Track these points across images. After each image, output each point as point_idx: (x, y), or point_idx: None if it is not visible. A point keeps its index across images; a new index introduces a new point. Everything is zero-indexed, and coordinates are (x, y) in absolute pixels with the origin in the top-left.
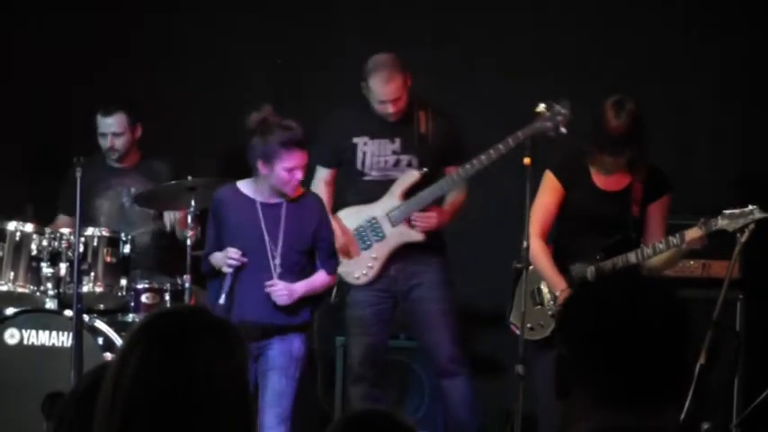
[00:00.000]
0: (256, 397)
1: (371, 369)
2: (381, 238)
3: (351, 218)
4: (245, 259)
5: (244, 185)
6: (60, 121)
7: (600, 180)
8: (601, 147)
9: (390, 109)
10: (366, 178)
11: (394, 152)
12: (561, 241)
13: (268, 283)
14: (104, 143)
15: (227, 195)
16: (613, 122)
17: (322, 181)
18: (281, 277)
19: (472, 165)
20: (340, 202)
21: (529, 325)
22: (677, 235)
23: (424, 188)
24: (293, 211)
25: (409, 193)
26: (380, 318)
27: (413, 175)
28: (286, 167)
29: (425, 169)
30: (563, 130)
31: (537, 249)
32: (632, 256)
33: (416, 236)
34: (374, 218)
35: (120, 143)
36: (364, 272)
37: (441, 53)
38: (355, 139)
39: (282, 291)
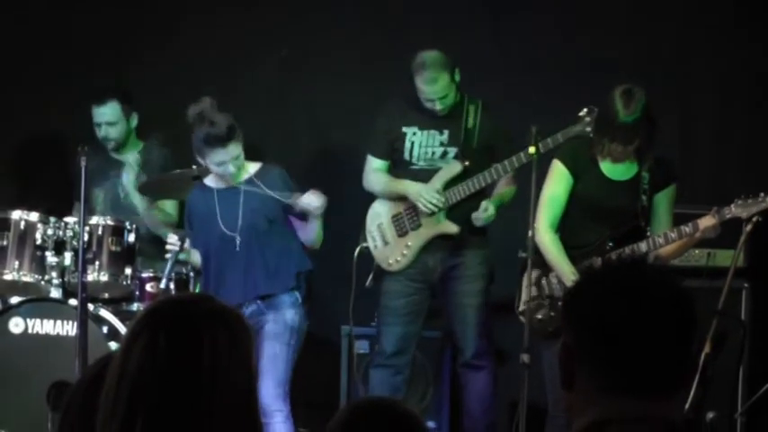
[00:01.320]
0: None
1: (399, 358)
2: (417, 227)
3: (390, 205)
4: (178, 243)
5: (209, 178)
6: (63, 109)
7: (608, 169)
8: (612, 136)
9: (437, 106)
10: (413, 168)
11: (442, 144)
12: (568, 232)
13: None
14: (99, 133)
15: (193, 194)
16: (623, 111)
17: (374, 172)
18: (242, 247)
19: (511, 162)
20: None
21: (539, 316)
22: (690, 224)
23: (467, 180)
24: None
25: (450, 185)
26: (414, 308)
27: (455, 167)
28: (213, 162)
29: (467, 162)
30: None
31: (548, 242)
32: (643, 246)
33: (452, 227)
34: (413, 206)
35: (114, 132)
36: (398, 258)
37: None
38: (405, 129)
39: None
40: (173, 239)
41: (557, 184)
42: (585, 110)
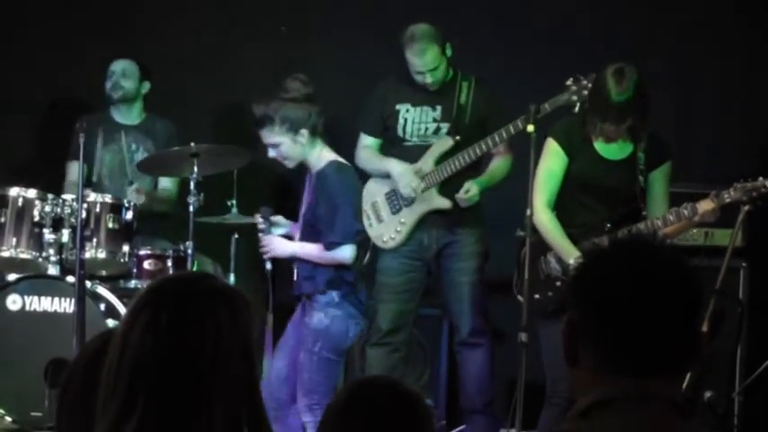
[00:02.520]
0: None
1: (396, 336)
2: (410, 203)
3: (384, 182)
4: (262, 220)
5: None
6: (63, 86)
7: (602, 148)
8: (604, 116)
9: (428, 79)
10: (406, 144)
11: (434, 120)
12: (564, 212)
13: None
14: (110, 82)
15: None
16: (615, 90)
17: (366, 149)
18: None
19: (500, 135)
20: None
21: (537, 295)
22: (689, 207)
23: (457, 154)
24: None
25: (442, 160)
26: (411, 286)
27: (447, 142)
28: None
29: (458, 137)
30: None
31: (545, 221)
32: (642, 228)
33: (444, 203)
34: None
35: (126, 82)
36: (392, 236)
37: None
38: (398, 106)
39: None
40: (257, 219)
41: (551, 161)
42: (572, 79)
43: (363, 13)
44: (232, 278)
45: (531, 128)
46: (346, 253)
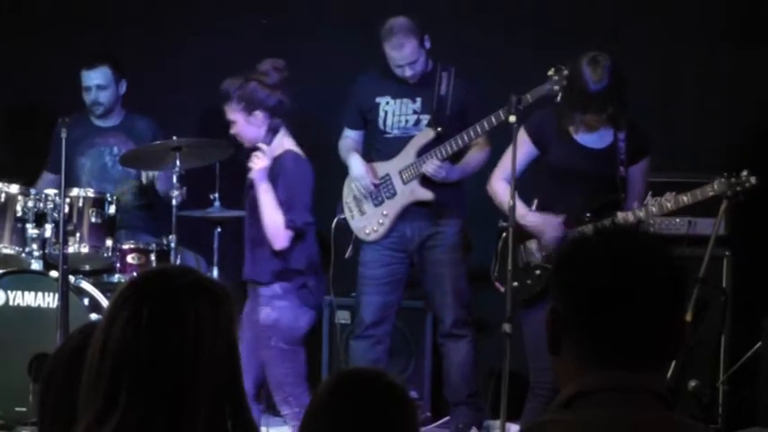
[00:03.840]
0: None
1: (379, 328)
2: (392, 196)
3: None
4: None
5: None
6: (45, 80)
7: (583, 137)
8: (584, 107)
9: (407, 72)
10: (387, 136)
11: (415, 111)
12: (546, 201)
13: None
14: (88, 97)
15: None
16: (592, 80)
17: (344, 139)
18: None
19: (482, 126)
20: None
21: (515, 283)
22: (671, 198)
23: (439, 146)
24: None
25: (424, 152)
26: (393, 278)
27: (428, 134)
28: None
29: (440, 129)
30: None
31: (498, 189)
32: (624, 217)
33: (426, 194)
34: (387, 175)
35: (104, 97)
36: (375, 228)
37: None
38: (378, 99)
39: None
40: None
41: (517, 147)
42: (553, 69)
43: (345, 6)
44: (215, 272)
45: (512, 118)
46: (285, 239)
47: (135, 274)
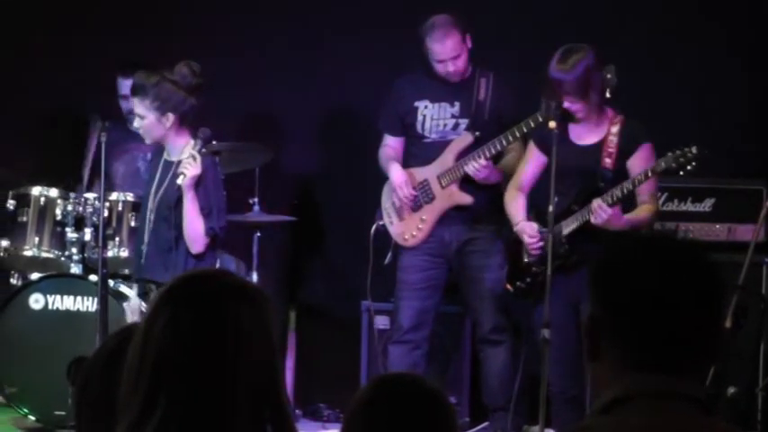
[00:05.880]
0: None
1: (417, 333)
2: (431, 200)
3: None
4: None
5: None
6: (83, 84)
7: (576, 135)
8: (549, 94)
9: (449, 68)
10: (426, 140)
11: (453, 116)
12: (544, 198)
13: None
14: (125, 105)
15: None
16: (557, 66)
17: (384, 147)
18: None
19: (520, 129)
20: (403, 165)
21: (519, 284)
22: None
23: (477, 150)
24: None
25: (462, 156)
26: (431, 283)
27: (467, 138)
28: None
29: (478, 133)
30: (608, 95)
31: (506, 198)
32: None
33: (465, 198)
34: (425, 180)
35: None
36: (414, 233)
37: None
38: (416, 103)
39: None
40: (197, 140)
41: (528, 158)
42: None
43: (385, 9)
44: (255, 276)
45: (552, 124)
46: (203, 245)
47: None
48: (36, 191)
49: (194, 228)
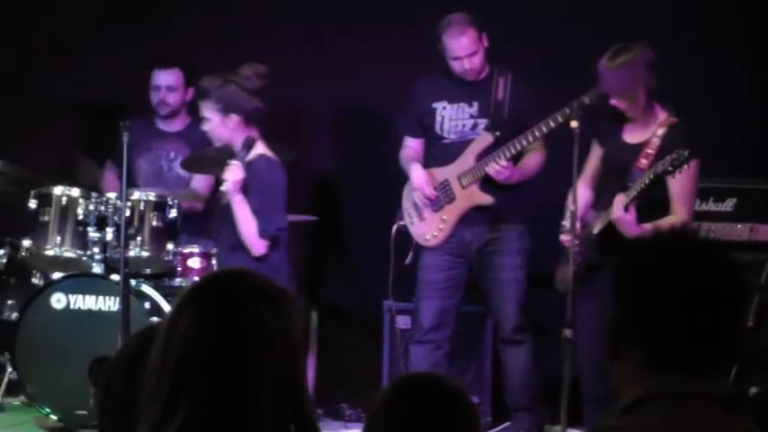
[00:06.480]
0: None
1: (438, 332)
2: (451, 200)
3: None
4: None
5: None
6: (111, 82)
7: (626, 133)
8: (599, 86)
9: (466, 65)
10: (444, 141)
11: (471, 116)
12: (598, 195)
13: None
14: (156, 96)
15: None
16: (606, 61)
17: (405, 149)
18: None
19: (540, 128)
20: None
21: (561, 275)
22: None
23: (498, 150)
24: None
25: (482, 156)
26: (452, 283)
27: (486, 138)
28: None
29: (498, 133)
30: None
31: (577, 194)
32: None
33: (486, 198)
34: (446, 180)
35: (172, 98)
36: (435, 233)
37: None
38: (435, 104)
39: None
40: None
41: (591, 157)
42: None
43: (405, 9)
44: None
45: (574, 123)
46: (262, 247)
47: (196, 278)
48: (58, 190)
49: (247, 231)
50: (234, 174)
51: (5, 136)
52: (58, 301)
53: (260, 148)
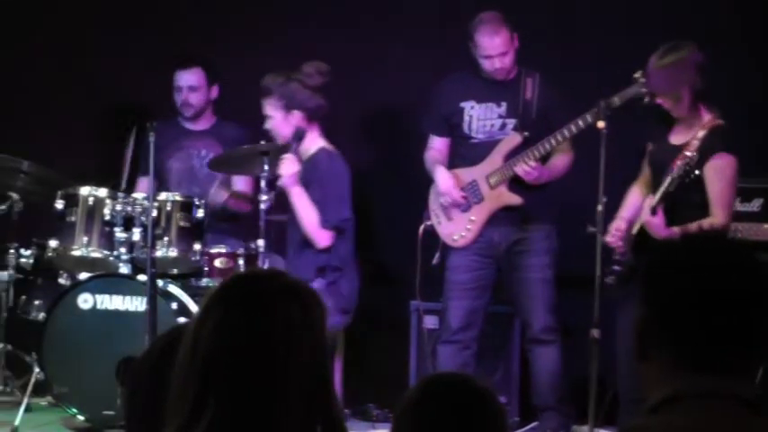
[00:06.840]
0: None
1: (466, 333)
2: (479, 201)
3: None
4: None
5: None
6: (139, 84)
7: (673, 134)
8: (645, 84)
9: (497, 64)
10: (472, 141)
11: (500, 116)
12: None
13: None
14: (179, 97)
15: None
16: (655, 60)
17: (430, 150)
18: None
19: (569, 129)
20: (449, 166)
21: (608, 280)
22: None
23: (527, 150)
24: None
25: (511, 156)
26: (480, 283)
27: (515, 139)
28: None
29: (527, 133)
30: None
31: (627, 196)
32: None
33: (515, 199)
34: (474, 180)
35: (195, 98)
36: (463, 234)
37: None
38: (462, 104)
39: None
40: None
41: (645, 155)
42: (640, 71)
43: (431, 10)
44: None
45: (601, 124)
46: (326, 238)
47: (223, 278)
48: (85, 191)
49: (308, 222)
50: (288, 167)
51: (31, 136)
52: (84, 301)
53: (320, 142)
